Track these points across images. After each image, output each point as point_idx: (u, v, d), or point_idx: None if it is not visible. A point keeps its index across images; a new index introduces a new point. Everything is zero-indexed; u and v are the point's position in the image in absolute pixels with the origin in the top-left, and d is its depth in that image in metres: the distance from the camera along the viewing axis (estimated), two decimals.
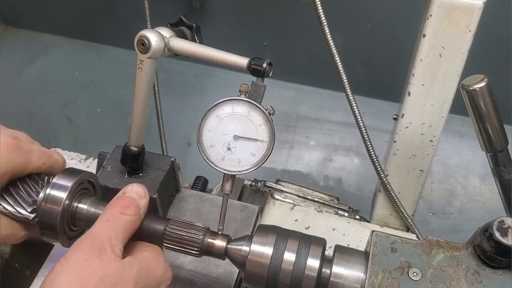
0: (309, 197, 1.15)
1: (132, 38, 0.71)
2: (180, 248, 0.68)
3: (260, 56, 0.68)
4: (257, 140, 0.66)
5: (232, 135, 0.66)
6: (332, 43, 0.97)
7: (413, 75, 0.95)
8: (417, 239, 0.82)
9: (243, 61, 0.69)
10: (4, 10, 2.57)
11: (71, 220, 0.70)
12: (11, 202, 0.68)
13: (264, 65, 0.67)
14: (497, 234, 0.63)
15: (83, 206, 0.70)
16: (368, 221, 1.14)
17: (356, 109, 1.01)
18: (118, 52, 2.43)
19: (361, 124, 1.02)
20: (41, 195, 0.68)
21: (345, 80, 0.99)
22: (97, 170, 0.89)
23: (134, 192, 0.68)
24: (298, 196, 1.15)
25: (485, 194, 2.05)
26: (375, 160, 1.04)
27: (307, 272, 0.65)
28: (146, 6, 1.20)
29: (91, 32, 2.49)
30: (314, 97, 2.34)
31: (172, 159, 0.89)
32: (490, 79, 0.68)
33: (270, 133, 0.66)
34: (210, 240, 0.68)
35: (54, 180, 0.68)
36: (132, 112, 0.79)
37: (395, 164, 1.07)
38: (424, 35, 0.90)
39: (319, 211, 1.10)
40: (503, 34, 1.85)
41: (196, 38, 0.78)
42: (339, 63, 0.98)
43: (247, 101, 0.65)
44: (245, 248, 0.67)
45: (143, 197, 0.68)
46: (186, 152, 2.06)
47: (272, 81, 0.96)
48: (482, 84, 0.68)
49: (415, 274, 0.66)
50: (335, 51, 0.97)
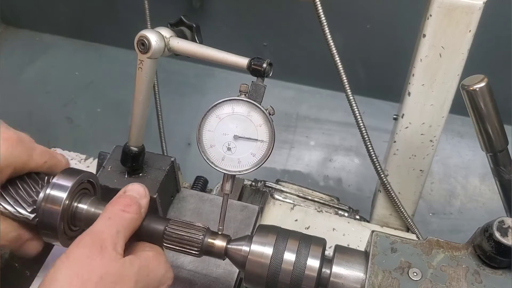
0: (309, 197, 1.15)
1: (132, 38, 0.71)
2: (180, 248, 0.68)
3: (260, 56, 0.68)
4: (257, 140, 0.66)
5: (232, 135, 0.66)
6: (332, 43, 0.97)
7: (413, 75, 0.95)
8: (417, 239, 0.82)
9: (243, 61, 0.69)
10: (4, 10, 2.57)
11: (71, 220, 0.70)
12: (11, 202, 0.68)
13: (264, 65, 0.67)
14: (497, 234, 0.63)
15: (83, 206, 0.70)
16: (368, 221, 1.14)
17: (356, 109, 1.01)
18: (118, 52, 2.43)
19: (361, 124, 1.02)
20: (41, 195, 0.68)
21: (345, 80, 1.00)
22: (97, 170, 0.89)
23: (135, 191, 0.68)
24: (298, 196, 1.15)
25: (485, 194, 2.05)
26: (375, 160, 1.04)
27: (307, 272, 0.65)
28: (146, 6, 1.20)
29: (91, 32, 2.49)
30: (314, 97, 2.34)
31: (172, 159, 0.89)
32: (490, 79, 0.68)
33: (270, 133, 0.66)
34: (210, 240, 0.68)
35: (54, 180, 0.68)
36: (132, 112, 0.79)
37: (395, 164, 1.07)
38: (424, 35, 0.90)
39: (319, 211, 1.10)
40: (503, 34, 1.85)
41: (196, 38, 0.78)
42: (339, 63, 0.98)
43: (247, 101, 0.65)
44: (245, 248, 0.67)
45: (144, 197, 0.68)
46: (186, 152, 2.06)
47: (272, 81, 0.95)
48: (482, 84, 0.68)
49: (415, 274, 0.66)
50: (335, 51, 0.98)
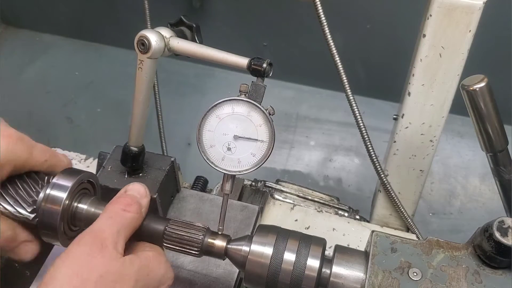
0: (309, 197, 1.15)
1: (132, 38, 0.71)
2: (180, 248, 0.68)
3: (260, 56, 0.68)
4: (257, 140, 0.66)
5: (232, 135, 0.66)
6: (332, 43, 0.97)
7: (413, 75, 0.95)
8: (417, 239, 0.82)
9: (243, 61, 0.69)
10: (4, 10, 2.57)
11: (71, 220, 0.69)
12: (11, 202, 0.68)
13: (264, 65, 0.67)
14: (497, 234, 0.63)
15: (83, 206, 0.70)
16: (368, 221, 1.14)
17: (356, 109, 1.01)
18: (118, 52, 2.43)
19: (361, 124, 1.02)
20: (41, 195, 0.67)
21: (345, 80, 1.00)
22: (97, 170, 0.89)
23: (136, 191, 0.68)
24: (298, 196, 1.15)
25: (485, 194, 2.05)
26: (375, 160, 1.04)
27: (307, 272, 0.65)
28: (146, 6, 1.20)
29: (91, 32, 2.49)
30: (314, 97, 2.34)
31: (172, 159, 0.89)
32: (490, 79, 0.68)
33: (270, 133, 0.66)
34: (210, 240, 0.68)
35: (54, 180, 0.68)
36: (132, 112, 0.79)
37: (395, 164, 1.07)
38: (424, 35, 0.90)
39: (319, 211, 1.10)
40: (503, 34, 1.85)
41: (196, 38, 0.78)
42: (339, 63, 0.98)
43: (247, 101, 0.65)
44: (245, 248, 0.67)
45: (145, 196, 0.68)
46: (186, 152, 2.06)
47: (272, 81, 0.95)
48: (482, 84, 0.68)
49: (415, 274, 0.65)
50: (335, 51, 0.98)
